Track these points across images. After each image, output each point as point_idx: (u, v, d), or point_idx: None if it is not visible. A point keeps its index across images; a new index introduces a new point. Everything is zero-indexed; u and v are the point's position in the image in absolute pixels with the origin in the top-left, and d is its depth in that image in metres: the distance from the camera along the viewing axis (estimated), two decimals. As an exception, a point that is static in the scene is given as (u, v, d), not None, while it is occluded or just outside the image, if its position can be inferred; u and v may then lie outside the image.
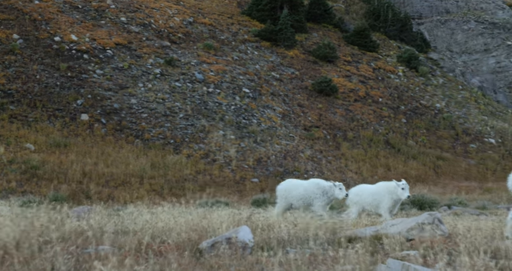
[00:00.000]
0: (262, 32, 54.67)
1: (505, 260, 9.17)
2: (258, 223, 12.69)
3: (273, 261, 8.85)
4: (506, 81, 72.10)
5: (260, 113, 44.50)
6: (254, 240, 10.20)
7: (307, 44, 56.74)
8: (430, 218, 11.62)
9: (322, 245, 10.16)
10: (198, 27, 52.71)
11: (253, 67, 49.73)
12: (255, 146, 40.85)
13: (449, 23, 77.83)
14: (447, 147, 48.36)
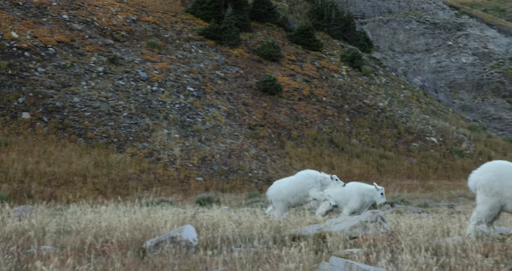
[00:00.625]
0: (206, 30, 54.55)
1: (446, 257, 9.30)
2: (203, 222, 12.64)
3: (217, 260, 8.83)
4: (446, 80, 73.28)
5: (205, 112, 44.41)
6: (199, 239, 10.17)
7: (252, 43, 56.81)
8: (373, 216, 11.73)
9: (266, 244, 10.18)
10: (142, 25, 52.35)
11: (197, 66, 49.59)
12: (200, 144, 40.76)
13: (391, 23, 78.77)
14: (390, 146, 48.92)
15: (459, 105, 68.69)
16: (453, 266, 8.74)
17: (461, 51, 76.61)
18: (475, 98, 70.68)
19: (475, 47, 77.55)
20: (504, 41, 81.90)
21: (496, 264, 9.24)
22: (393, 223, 14.15)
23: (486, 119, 66.02)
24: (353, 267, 7.73)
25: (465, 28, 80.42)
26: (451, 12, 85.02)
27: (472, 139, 53.56)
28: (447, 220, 15.84)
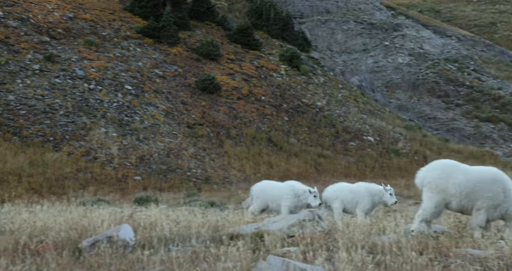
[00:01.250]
0: (144, 29, 54.15)
1: (381, 255, 9.42)
2: (140, 221, 12.58)
3: (154, 260, 8.79)
4: (383, 80, 74.23)
5: (143, 110, 44.11)
6: (136, 238, 10.11)
7: (191, 42, 56.62)
8: (310, 215, 11.79)
9: (204, 243, 10.17)
10: (79, 23, 51.68)
11: (135, 64, 49.20)
12: (138, 143, 40.47)
13: (329, 23, 79.43)
14: (327, 145, 49.32)
15: (396, 105, 69.66)
16: (389, 264, 8.85)
17: (398, 52, 77.70)
18: (411, 98, 71.77)
19: (411, 47, 78.75)
20: (439, 42, 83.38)
21: (430, 261, 9.40)
22: (330, 221, 14.28)
23: (422, 118, 67.10)
24: (290, 266, 7.77)
25: (401, 28, 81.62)
26: (388, 12, 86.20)
27: (408, 138, 54.36)
28: (383, 219, 16.05)
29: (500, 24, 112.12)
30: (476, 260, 9.79)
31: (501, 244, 11.43)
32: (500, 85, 75.11)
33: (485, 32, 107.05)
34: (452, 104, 70.70)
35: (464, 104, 70.47)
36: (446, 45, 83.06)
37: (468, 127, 65.55)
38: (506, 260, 9.67)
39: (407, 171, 46.75)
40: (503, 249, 10.73)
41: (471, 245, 11.30)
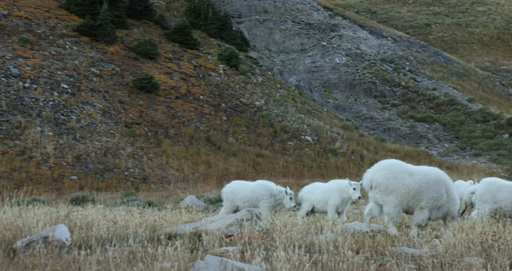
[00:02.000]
0: (81, 27, 53.46)
1: (319, 254, 9.49)
2: (77, 221, 12.43)
3: (90, 260, 8.70)
4: (321, 80, 74.83)
5: (80, 109, 43.57)
6: (72, 238, 9.99)
7: (128, 41, 56.15)
8: (248, 214, 11.81)
9: (141, 243, 10.11)
10: (13, 20, 50.76)
11: (72, 63, 48.56)
12: (75, 142, 39.97)
13: (267, 22, 79.69)
14: (266, 144, 49.47)
15: (333, 105, 70.30)
16: (326, 263, 8.93)
17: (335, 52, 78.42)
18: (348, 98, 72.52)
19: (348, 48, 79.57)
20: (376, 42, 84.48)
21: (366, 260, 9.51)
22: (268, 221, 14.32)
23: (359, 118, 67.87)
24: (228, 265, 7.77)
25: (338, 29, 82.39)
26: (325, 13, 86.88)
27: (345, 138, 54.91)
28: (320, 218, 16.18)
29: (435, 25, 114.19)
30: (411, 259, 9.95)
31: (435, 242, 11.64)
32: (434, 86, 76.46)
33: (420, 34, 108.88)
34: (388, 104, 71.68)
35: (400, 105, 71.52)
36: (382, 46, 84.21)
37: (403, 127, 66.54)
38: (440, 259, 9.84)
39: (344, 170, 47.23)
40: (437, 248, 10.93)
41: (407, 244, 11.48)
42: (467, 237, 11.60)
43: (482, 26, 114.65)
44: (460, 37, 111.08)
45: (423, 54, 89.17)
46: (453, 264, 9.66)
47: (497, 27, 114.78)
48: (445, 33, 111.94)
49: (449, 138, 65.55)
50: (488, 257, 10.37)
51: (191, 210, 19.45)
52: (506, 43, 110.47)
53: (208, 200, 26.61)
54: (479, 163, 55.13)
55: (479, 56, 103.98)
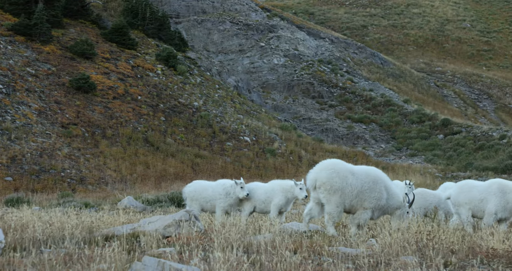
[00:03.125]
0: (16, 26, 52.53)
1: (257, 254, 9.53)
2: (11, 223, 12.24)
3: (25, 262, 8.57)
4: (259, 81, 75.07)
5: (15, 110, 42.83)
6: (6, 240, 9.82)
7: (64, 40, 55.39)
8: (187, 215, 11.79)
9: (78, 244, 9.99)
10: None
11: (6, 63, 47.68)
12: (9, 143, 39.27)
13: (205, 23, 79.60)
14: (204, 145, 49.39)
15: (271, 106, 70.58)
16: (263, 263, 8.96)
17: (273, 53, 78.76)
18: (286, 98, 72.89)
19: (286, 49, 80.00)
20: (313, 43, 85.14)
21: (304, 260, 9.58)
22: (207, 221, 14.32)
23: (297, 119, 68.27)
24: (166, 266, 7.74)
25: (276, 30, 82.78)
26: (263, 14, 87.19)
27: (283, 139, 55.16)
28: (258, 218, 16.24)
29: (371, 27, 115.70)
30: (348, 258, 10.06)
31: (372, 242, 11.78)
32: (371, 87, 77.41)
33: (357, 35, 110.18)
34: (326, 105, 72.29)
35: (337, 105, 72.20)
36: (320, 47, 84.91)
37: (341, 128, 67.18)
38: (376, 258, 9.98)
39: (282, 170, 47.46)
40: (373, 247, 11.07)
41: (344, 244, 11.60)
42: (402, 237, 11.78)
43: (417, 28, 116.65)
44: (396, 38, 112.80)
45: (360, 55, 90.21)
46: (389, 263, 9.79)
47: (431, 29, 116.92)
48: (381, 34, 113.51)
49: (385, 139, 66.44)
50: (423, 256, 10.55)
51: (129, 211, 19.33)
52: (441, 45, 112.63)
53: (146, 201, 26.45)
54: (414, 163, 56.01)
55: (415, 58, 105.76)
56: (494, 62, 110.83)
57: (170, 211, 21.04)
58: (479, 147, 60.20)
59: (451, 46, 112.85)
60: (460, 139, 63.05)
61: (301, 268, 8.93)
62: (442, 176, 48.98)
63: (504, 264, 10.19)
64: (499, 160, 54.53)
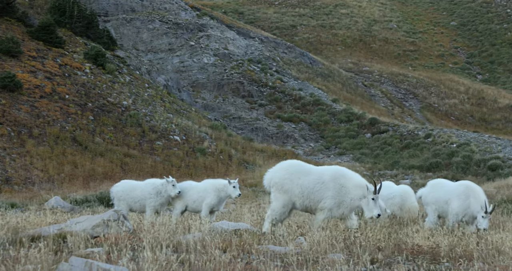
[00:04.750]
0: None
1: (186, 253, 9.52)
2: None
3: None
4: (189, 80, 74.86)
5: None
6: None
7: (-11, 38, 54.22)
8: (115, 215, 11.71)
9: (3, 246, 9.82)
10: None
11: None
12: None
13: (135, 21, 78.97)
14: (134, 144, 49.01)
15: (202, 105, 70.47)
16: (193, 262, 8.96)
17: (203, 52, 78.65)
18: (216, 98, 72.88)
19: (216, 48, 79.99)
20: (243, 43, 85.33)
21: (233, 259, 9.61)
22: (136, 221, 14.23)
23: (227, 118, 68.34)
24: (93, 267, 7.67)
25: (206, 29, 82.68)
26: (193, 13, 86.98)
27: (213, 138, 55.15)
28: (188, 217, 16.21)
29: (300, 27, 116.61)
30: (277, 256, 10.13)
31: (300, 240, 11.89)
32: (301, 86, 78.02)
33: (286, 35, 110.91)
34: (256, 104, 72.54)
35: (267, 105, 72.53)
36: (250, 46, 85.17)
37: (271, 127, 67.51)
38: (305, 255, 10.08)
39: (213, 170, 47.46)
40: (302, 245, 11.18)
41: (273, 242, 11.67)
42: (331, 234, 11.94)
43: (345, 28, 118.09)
44: (325, 38, 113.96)
45: (289, 55, 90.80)
46: (317, 261, 9.90)
47: (359, 29, 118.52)
48: (310, 34, 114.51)
49: (314, 137, 67.05)
50: (350, 253, 10.70)
51: (56, 211, 19.06)
52: (368, 45, 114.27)
53: (74, 201, 26.12)
54: (343, 162, 56.67)
55: (343, 58, 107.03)
56: (419, 62, 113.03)
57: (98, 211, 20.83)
58: (405, 145, 61.33)
59: (378, 47, 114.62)
60: (387, 138, 64.10)
61: (230, 267, 8.96)
62: (370, 174, 49.70)
63: (428, 260, 10.43)
64: (425, 158, 55.70)
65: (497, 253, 11.35)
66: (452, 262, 10.47)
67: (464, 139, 60.83)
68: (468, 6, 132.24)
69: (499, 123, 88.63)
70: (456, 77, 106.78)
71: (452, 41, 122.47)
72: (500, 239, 12.61)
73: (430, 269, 9.90)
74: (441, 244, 11.73)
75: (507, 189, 30.90)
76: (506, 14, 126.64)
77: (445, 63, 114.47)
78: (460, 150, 56.57)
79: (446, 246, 11.54)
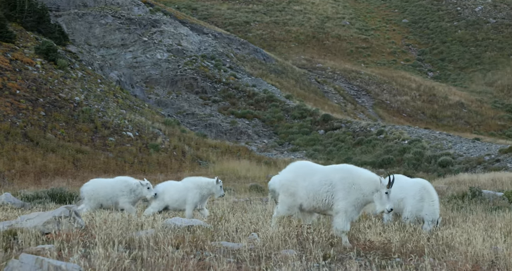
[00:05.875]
0: None
1: (138, 250, 9.49)
2: None
3: None
4: (142, 76, 74.44)
5: None
6: None
7: None
8: (67, 211, 11.59)
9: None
10: None
11: None
12: None
13: (87, 17, 78.21)
14: (86, 140, 48.58)
15: (155, 101, 70.15)
16: (145, 259, 8.93)
17: (156, 48, 78.27)
18: (170, 94, 72.61)
19: (169, 44, 79.65)
20: (197, 39, 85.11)
21: (186, 255, 9.60)
22: (88, 217, 14.10)
23: (180, 114, 68.13)
24: (44, 263, 7.59)
25: (159, 25, 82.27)
26: (146, 8, 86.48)
27: (167, 134, 54.93)
28: (140, 214, 16.14)
29: (254, 23, 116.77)
30: (230, 253, 10.14)
31: (253, 236, 11.91)
32: (254, 83, 78.12)
33: (240, 31, 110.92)
34: (209, 100, 72.45)
35: (221, 101, 72.48)
36: (203, 43, 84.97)
37: (224, 123, 67.51)
38: (258, 252, 10.11)
39: (166, 166, 47.29)
40: (255, 241, 11.21)
41: (226, 238, 11.69)
42: (284, 230, 11.98)
43: (298, 25, 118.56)
44: (278, 35, 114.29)
45: (243, 51, 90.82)
46: (270, 257, 9.94)
47: (312, 26, 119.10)
48: (263, 31, 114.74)
49: (268, 134, 67.22)
50: (303, 249, 10.76)
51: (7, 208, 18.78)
52: (321, 42, 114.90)
53: (25, 197, 25.75)
54: (296, 158, 56.90)
55: (296, 54, 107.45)
56: (372, 59, 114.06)
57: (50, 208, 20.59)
58: (358, 142, 61.86)
59: (331, 43, 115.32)
60: (340, 134, 64.56)
61: (183, 263, 8.95)
62: (323, 170, 49.94)
63: (380, 256, 10.54)
64: (377, 154, 56.26)
65: (447, 248, 11.54)
66: (403, 258, 10.60)
67: (416, 135, 61.57)
68: (419, 3, 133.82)
69: (450, 120, 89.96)
70: (407, 74, 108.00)
71: (403, 38, 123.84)
72: (450, 235, 12.80)
73: (382, 264, 10.00)
74: (393, 239, 11.85)
75: (457, 185, 31.36)
76: (456, 12, 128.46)
77: (397, 60, 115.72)
78: (411, 146, 57.27)
79: (397, 242, 11.67)
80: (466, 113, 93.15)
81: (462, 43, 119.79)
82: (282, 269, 9.02)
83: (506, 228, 14.73)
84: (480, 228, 14.29)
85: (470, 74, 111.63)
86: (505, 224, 15.27)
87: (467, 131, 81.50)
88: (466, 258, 10.59)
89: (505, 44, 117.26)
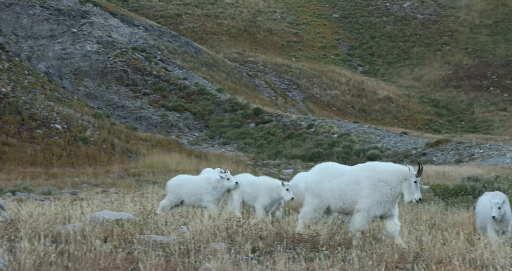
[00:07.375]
0: None
1: (65, 244, 9.38)
2: None
3: None
4: (71, 67, 73.36)
5: None
6: None
7: None
8: (-7, 205, 11.38)
9: None
10: None
11: None
12: None
13: (14, 6, 76.64)
14: (12, 133, 47.70)
15: (84, 93, 69.25)
16: (72, 253, 8.84)
17: (86, 39, 77.20)
18: (99, 86, 71.77)
19: (99, 35, 78.65)
20: (127, 31, 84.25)
21: (114, 249, 9.53)
22: (14, 211, 13.87)
23: (110, 107, 67.45)
24: (-33, 259, 7.43)
25: (89, 16, 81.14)
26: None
27: (96, 126, 54.28)
28: (69, 207, 15.92)
29: (185, 16, 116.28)
30: (158, 246, 10.13)
31: (183, 229, 11.92)
32: (185, 76, 77.81)
33: (171, 23, 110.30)
34: (140, 93, 71.90)
35: (151, 93, 72.01)
36: (134, 35, 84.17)
37: (155, 116, 67.13)
38: (187, 245, 10.12)
39: (95, 159, 46.77)
40: (185, 234, 11.22)
41: (155, 231, 11.66)
42: (213, 224, 12.02)
43: (230, 18, 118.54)
44: (210, 28, 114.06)
45: (174, 44, 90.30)
46: (199, 250, 9.96)
47: (244, 19, 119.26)
48: (195, 24, 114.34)
49: (199, 127, 67.13)
50: (232, 242, 10.81)
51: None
52: (253, 36, 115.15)
53: None
54: (227, 151, 57.03)
55: (228, 48, 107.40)
56: (302, 53, 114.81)
57: (-26, 202, 20.16)
58: (288, 135, 62.30)
59: (263, 37, 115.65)
60: (271, 128, 64.89)
61: (111, 257, 8.89)
62: (253, 164, 50.21)
63: (308, 248, 10.67)
64: (307, 148, 56.78)
65: (374, 240, 11.73)
66: (331, 250, 10.74)
67: (345, 129, 62.33)
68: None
69: (378, 114, 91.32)
70: (337, 68, 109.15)
71: (334, 33, 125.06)
72: (377, 227, 13.02)
73: (310, 257, 10.11)
74: (321, 232, 11.99)
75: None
76: (385, 8, 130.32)
77: (327, 54, 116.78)
78: (341, 140, 57.97)
79: (325, 235, 11.82)
80: (394, 108, 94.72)
81: (391, 38, 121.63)
82: (211, 262, 9.03)
83: (431, 220, 15.06)
84: (406, 220, 14.56)
85: (398, 69, 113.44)
86: (430, 217, 15.61)
87: (395, 125, 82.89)
88: (392, 250, 10.80)
89: (432, 40, 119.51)
